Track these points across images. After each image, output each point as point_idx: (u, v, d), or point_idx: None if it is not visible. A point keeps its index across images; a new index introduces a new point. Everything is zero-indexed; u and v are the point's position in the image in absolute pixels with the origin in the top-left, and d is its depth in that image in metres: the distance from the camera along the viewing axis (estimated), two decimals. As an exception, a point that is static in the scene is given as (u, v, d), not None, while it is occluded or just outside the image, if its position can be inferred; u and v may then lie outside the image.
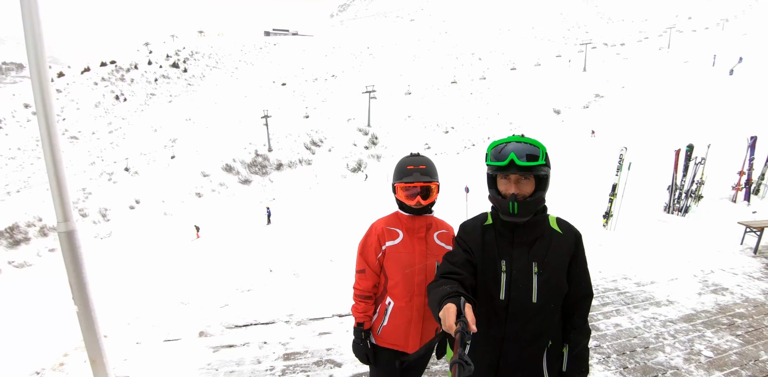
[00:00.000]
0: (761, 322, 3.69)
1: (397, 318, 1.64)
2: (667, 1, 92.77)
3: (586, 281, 1.33)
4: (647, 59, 56.25)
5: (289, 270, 6.18)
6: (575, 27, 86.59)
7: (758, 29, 56.93)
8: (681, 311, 3.85)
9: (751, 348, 3.27)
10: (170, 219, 29.06)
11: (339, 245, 8.74)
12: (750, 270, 4.97)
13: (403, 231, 1.65)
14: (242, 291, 4.80)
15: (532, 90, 54.04)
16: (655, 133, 27.36)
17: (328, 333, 3.15)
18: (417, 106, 53.09)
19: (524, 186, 1.25)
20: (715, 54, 46.46)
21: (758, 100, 29.98)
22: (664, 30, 68.44)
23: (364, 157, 44.90)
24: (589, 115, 43.34)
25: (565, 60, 62.04)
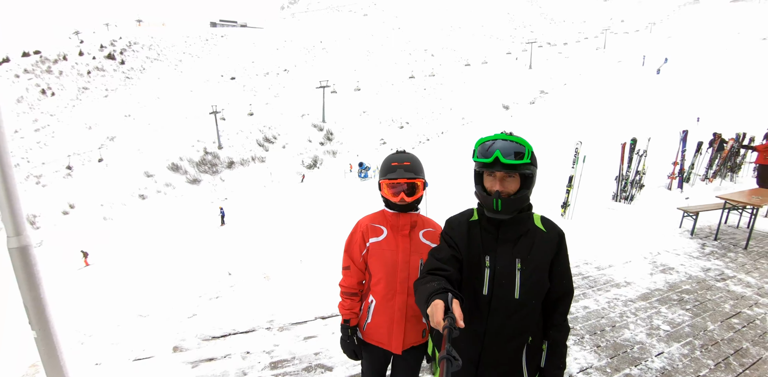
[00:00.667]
0: (704, 296, 4.09)
1: (380, 316, 1.64)
2: (603, 5, 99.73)
3: (567, 279, 1.36)
4: (586, 58, 60.12)
5: (255, 273, 5.94)
6: (521, 26, 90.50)
7: (680, 33, 62.73)
8: (638, 290, 4.17)
9: (700, 319, 3.61)
10: (111, 224, 26.93)
11: (306, 244, 8.53)
12: (689, 251, 5.48)
13: (387, 228, 1.65)
14: (210, 299, 4.54)
15: (482, 86, 55.90)
16: (595, 128, 29.39)
17: (314, 336, 3.05)
18: (372, 101, 53.06)
19: (509, 183, 1.27)
20: (644, 54, 50.64)
21: (682, 97, 33.15)
22: (600, 31, 73.49)
23: (319, 153, 44.24)
24: (536, 111, 45.69)
25: (513, 57, 64.78)
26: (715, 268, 4.85)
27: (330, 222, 12.87)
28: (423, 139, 46.41)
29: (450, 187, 17.43)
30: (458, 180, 20.33)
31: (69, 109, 51.37)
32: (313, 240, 9.23)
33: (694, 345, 3.19)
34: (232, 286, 5.43)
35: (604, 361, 2.89)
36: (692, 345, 3.19)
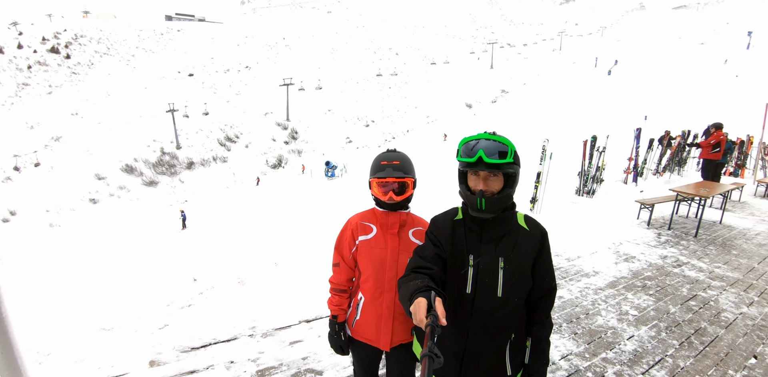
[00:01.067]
0: (664, 282, 4.38)
1: (368, 313, 1.66)
2: (559, 9, 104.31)
3: (549, 277, 1.38)
4: (543, 59, 62.66)
5: (228, 278, 5.72)
6: (483, 27, 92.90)
7: (629, 36, 66.76)
8: (606, 279, 4.39)
9: (662, 303, 3.86)
10: (59, 231, 25.07)
11: (279, 246, 8.33)
12: (647, 240, 5.85)
13: (376, 227, 1.66)
14: (182, 308, 4.31)
15: (445, 85, 56.90)
16: (554, 125, 30.75)
17: (300, 341, 2.96)
18: (337, 99, 52.64)
19: (493, 183, 1.28)
20: (596, 56, 53.47)
21: (631, 96, 35.31)
22: (556, 34, 76.80)
23: (284, 152, 43.37)
24: (498, 109, 47.14)
25: (475, 57, 66.37)
26: (671, 256, 5.20)
27: (300, 223, 12.65)
28: (389, 137, 46.62)
29: (422, 185, 17.65)
30: (428, 178, 20.56)
31: (7, 107, 47.23)
32: (285, 241, 9.04)
33: (660, 327, 3.41)
34: (201, 293, 5.20)
35: (582, 347, 3.03)
36: (658, 327, 3.41)
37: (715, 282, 4.42)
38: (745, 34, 43.31)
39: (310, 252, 6.59)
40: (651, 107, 30.18)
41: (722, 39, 47.73)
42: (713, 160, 8.82)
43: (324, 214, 13.93)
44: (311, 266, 5.23)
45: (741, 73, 33.34)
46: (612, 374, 2.73)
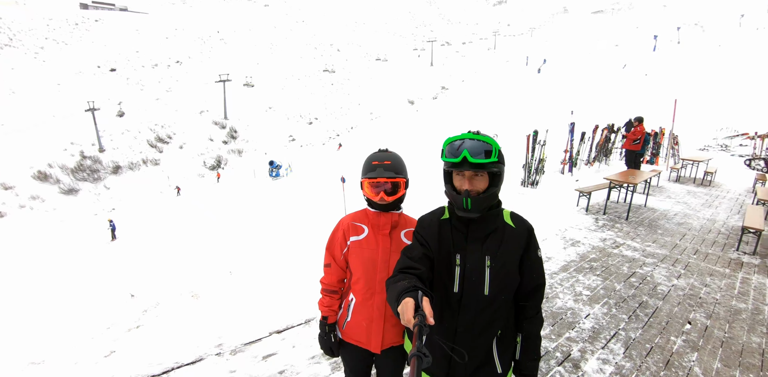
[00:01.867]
0: (607, 262, 4.77)
1: (359, 315, 1.64)
2: (493, 10, 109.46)
3: (537, 273, 1.39)
4: (479, 57, 65.48)
5: (179, 292, 5.28)
6: (422, 25, 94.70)
7: (555, 37, 71.78)
8: (558, 263, 4.69)
9: (609, 282, 4.20)
10: (-42, 250, 21.65)
11: (231, 254, 7.87)
12: (588, 225, 6.33)
13: (368, 227, 1.64)
14: (128, 330, 3.91)
15: (388, 82, 57.39)
16: (492, 120, 32.31)
17: (273, 354, 2.80)
18: (278, 96, 50.96)
19: (478, 182, 1.29)
20: (527, 56, 56.90)
21: (558, 93, 38.08)
22: (491, 33, 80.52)
23: (223, 152, 41.21)
24: (439, 105, 48.55)
25: (416, 55, 67.66)
26: (609, 238, 5.69)
27: (250, 226, 12.07)
28: (333, 135, 46.14)
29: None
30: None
31: None
32: (237, 247, 8.57)
33: (610, 304, 3.71)
34: (146, 311, 4.74)
35: (548, 329, 3.20)
36: (608, 304, 3.71)
37: (649, 259, 4.90)
38: (651, 37, 48.57)
39: (267, 258, 6.31)
40: (576, 103, 32.77)
41: (633, 41, 53.10)
42: (634, 151, 9.80)
43: (274, 216, 13.43)
44: (271, 272, 5.01)
45: (649, 72, 37.27)
46: (577, 351, 2.91)
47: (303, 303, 3.56)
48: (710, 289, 4.13)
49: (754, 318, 3.57)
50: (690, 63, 36.73)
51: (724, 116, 21.51)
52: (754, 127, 18.71)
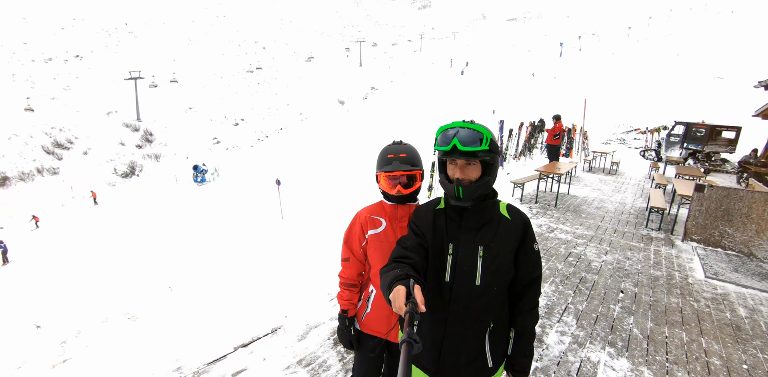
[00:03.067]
0: (547, 245, 5.19)
1: (380, 306, 1.67)
2: (418, 13, 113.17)
3: (533, 266, 1.38)
4: (407, 59, 67.32)
5: (110, 315, 4.68)
6: (350, 26, 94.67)
7: (475, 42, 76.31)
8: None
9: (552, 263, 4.58)
10: None
11: (165, 267, 7.19)
12: (524, 214, 6.85)
13: (386, 220, 1.66)
14: (53, 366, 3.37)
15: (317, 81, 56.59)
16: (420, 119, 33.41)
17: (243, 370, 2.61)
18: (199, 96, 47.64)
19: (470, 171, 1.29)
20: (451, 58, 59.73)
21: (480, 94, 40.59)
22: (417, 36, 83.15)
23: (137, 157, 37.54)
24: (369, 105, 49.03)
25: (345, 55, 67.51)
26: (544, 224, 6.21)
27: (179, 237, 11.13)
28: (261, 136, 44.36)
29: (305, 182, 17.22)
30: (311, 175, 20.21)
31: None
32: (170, 261, 7.85)
33: (556, 282, 4.06)
34: (64, 342, 4.12)
35: (508, 309, 3.40)
36: (555, 282, 4.05)
37: (579, 240, 5.44)
38: (558, 44, 53.93)
39: (209, 269, 5.88)
40: (497, 102, 35.22)
41: (543, 47, 58.48)
42: (554, 145, 10.82)
43: (206, 224, 12.54)
44: (219, 284, 4.69)
45: (558, 76, 41.31)
46: (538, 327, 3.14)
47: (266, 312, 3.40)
48: (632, 262, 4.71)
49: (669, 283, 4.14)
50: (590, 68, 41.40)
51: (621, 114, 24.58)
52: (644, 123, 21.68)
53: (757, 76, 20.56)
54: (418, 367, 1.42)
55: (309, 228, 8.43)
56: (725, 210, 5.27)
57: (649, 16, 63.33)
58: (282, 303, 3.59)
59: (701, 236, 5.47)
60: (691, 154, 13.45)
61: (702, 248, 5.33)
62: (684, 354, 2.90)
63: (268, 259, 5.78)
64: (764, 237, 5.06)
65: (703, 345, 3.03)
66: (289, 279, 4.40)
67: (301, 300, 3.62)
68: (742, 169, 10.68)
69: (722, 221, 5.32)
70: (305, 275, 4.44)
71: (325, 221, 8.64)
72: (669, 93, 27.79)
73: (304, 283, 4.10)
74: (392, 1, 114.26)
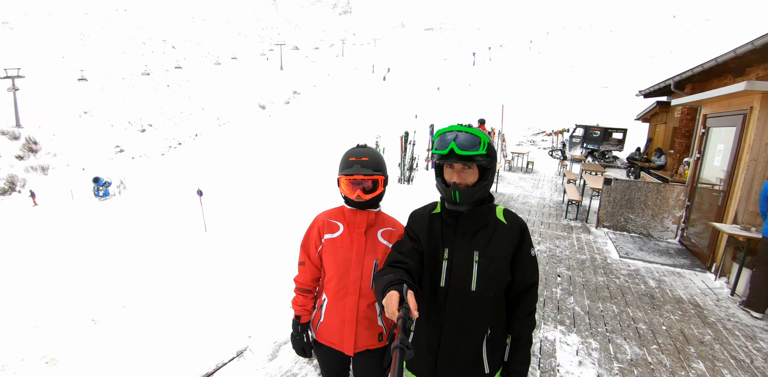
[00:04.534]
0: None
1: (331, 316, 1.60)
2: (339, 18, 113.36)
3: (530, 271, 1.36)
4: (329, 63, 67.06)
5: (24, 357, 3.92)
6: (269, 28, 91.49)
7: (396, 49, 78.70)
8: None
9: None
10: None
11: (80, 297, 6.25)
12: (462, 211, 7.28)
13: (343, 225, 1.60)
14: None
15: (235, 85, 53.82)
16: (344, 125, 33.58)
17: None
18: (96, 98, 42.40)
19: (467, 175, 1.28)
20: (373, 64, 60.90)
21: (403, 99, 42.01)
22: (339, 41, 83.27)
23: (18, 170, 32.21)
24: (292, 110, 47.94)
25: (264, 58, 65.14)
26: (481, 220, 6.67)
27: (82, 260, 9.77)
28: (174, 143, 40.85)
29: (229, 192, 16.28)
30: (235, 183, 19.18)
31: None
32: (78, 289, 6.84)
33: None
34: None
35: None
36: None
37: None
38: (471, 54, 58.05)
39: (134, 294, 5.27)
40: (419, 108, 36.77)
41: (458, 57, 62.46)
42: None
43: (112, 243, 11.18)
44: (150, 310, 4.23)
45: (472, 83, 44.42)
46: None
47: (224, 335, 3.16)
48: (561, 249, 5.27)
49: (594, 264, 4.73)
50: (500, 76, 45.23)
51: (529, 118, 27.21)
52: (549, 126, 24.27)
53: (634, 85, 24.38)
54: (414, 373, 1.41)
55: (239, 240, 7.98)
56: (628, 199, 6.16)
57: (546, 32, 71.24)
58: (239, 323, 3.37)
59: (611, 222, 6.32)
60: (590, 153, 15.42)
61: (612, 233, 6.16)
62: (618, 324, 3.34)
63: (201, 277, 5.35)
64: (658, 220, 6.02)
65: (630, 314, 3.52)
66: (237, 296, 4.13)
67: (261, 318, 3.43)
68: (630, 164, 12.52)
69: (626, 209, 6.20)
70: (255, 290, 4.22)
71: (257, 231, 8.26)
72: (566, 99, 31.51)
73: (258, 299, 3.89)
74: (312, 5, 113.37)
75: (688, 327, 3.33)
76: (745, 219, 4.19)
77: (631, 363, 2.79)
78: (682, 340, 3.12)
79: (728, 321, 3.49)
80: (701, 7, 54.05)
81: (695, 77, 7.93)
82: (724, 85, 7.55)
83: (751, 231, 3.92)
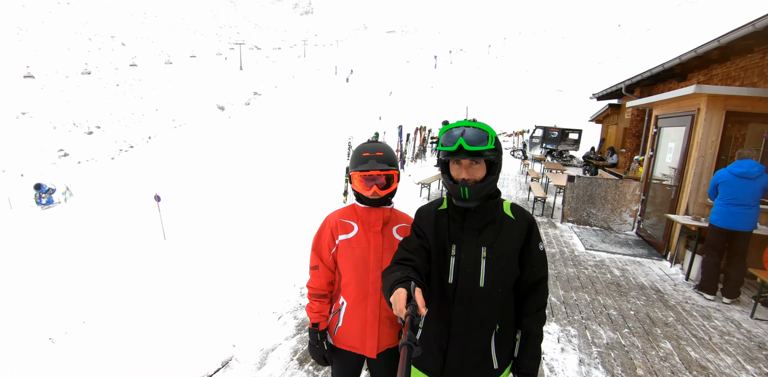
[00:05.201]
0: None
1: (352, 319, 1.56)
2: (300, 18, 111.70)
3: (539, 266, 1.35)
4: (291, 64, 65.95)
5: None
6: (227, 26, 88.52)
7: (358, 51, 78.68)
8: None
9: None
10: None
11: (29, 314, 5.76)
12: (434, 210, 7.40)
13: (358, 224, 1.55)
14: None
15: (191, 85, 51.70)
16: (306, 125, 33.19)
17: None
18: (36, 98, 39.28)
19: (475, 170, 1.27)
20: (336, 65, 60.56)
21: (365, 100, 42.11)
22: (301, 41, 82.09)
23: (-56, 177, 29.21)
24: (252, 111, 46.73)
25: (223, 57, 63.01)
26: (454, 218, 6.82)
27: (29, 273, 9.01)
28: (125, 147, 38.57)
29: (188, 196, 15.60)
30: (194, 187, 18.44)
31: None
32: (27, 305, 6.31)
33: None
34: None
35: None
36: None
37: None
38: (432, 57, 59.21)
39: (94, 307, 4.94)
40: (383, 109, 37.01)
41: (420, 59, 63.51)
42: None
43: (60, 254, 10.39)
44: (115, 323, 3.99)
45: (434, 85, 45.31)
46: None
47: (205, 346, 3.03)
48: (532, 244, 5.51)
49: (563, 257, 4.98)
50: (461, 79, 46.43)
51: (489, 119, 28.18)
52: (509, 127, 25.23)
53: (586, 88, 25.90)
54: (421, 370, 1.40)
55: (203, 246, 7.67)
56: (590, 195, 6.53)
57: (503, 37, 74.04)
58: (220, 333, 3.24)
59: (574, 217, 6.67)
60: (549, 152, 16.20)
61: (576, 227, 6.51)
62: (592, 311, 3.54)
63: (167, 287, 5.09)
64: (617, 214, 6.43)
65: (601, 301, 3.75)
66: (211, 304, 3.96)
67: (244, 325, 3.32)
68: (586, 163, 13.27)
69: (588, 204, 6.57)
70: (231, 297, 4.07)
71: (223, 236, 7.98)
72: (524, 102, 32.89)
73: (237, 306, 3.76)
74: (273, 5, 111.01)
75: (653, 311, 3.59)
76: (695, 210, 4.57)
77: (607, 346, 2.97)
78: (649, 323, 3.36)
79: (686, 304, 3.79)
80: (643, 17, 58.39)
81: (644, 81, 8.57)
82: (669, 89, 8.24)
83: (701, 221, 4.30)
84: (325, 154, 13.97)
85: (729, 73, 6.02)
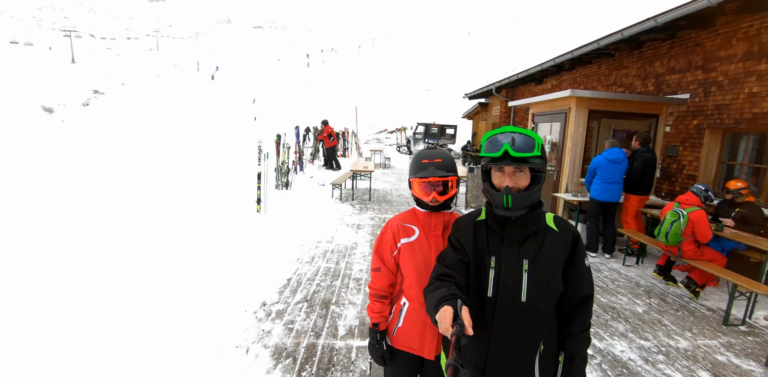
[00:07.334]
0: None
1: (412, 320, 1.60)
2: (149, 5, 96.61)
3: (584, 283, 1.29)
4: (140, 58, 57.24)
5: None
6: (50, 8, 71.67)
7: (223, 46, 72.41)
8: (365, 248, 5.48)
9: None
10: None
11: None
12: (350, 211, 7.52)
13: (419, 229, 1.61)
14: None
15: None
16: (168, 128, 29.62)
17: None
18: None
19: (519, 179, 1.23)
20: (198, 61, 54.87)
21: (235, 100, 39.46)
22: (152, 32, 71.56)
23: None
24: (94, 113, 39.42)
25: (46, 47, 51.12)
26: (374, 216, 7.08)
27: None
28: None
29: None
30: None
31: None
32: None
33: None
34: None
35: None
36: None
37: (408, 223, 6.55)
38: (305, 55, 58.37)
39: None
40: (257, 110, 35.21)
41: (291, 57, 61.85)
42: (333, 147, 12.25)
43: None
44: None
45: (309, 84, 44.91)
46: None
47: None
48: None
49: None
50: (334, 78, 46.99)
51: (368, 118, 29.26)
52: (388, 124, 26.71)
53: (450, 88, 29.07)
54: None
55: None
56: (486, 183, 7.52)
57: (372, 39, 77.23)
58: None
59: (476, 204, 7.59)
60: (431, 147, 17.83)
61: (479, 212, 7.43)
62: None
63: None
64: (508, 198, 7.55)
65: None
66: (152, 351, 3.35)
67: (209, 369, 2.90)
68: (464, 154, 15.01)
69: (485, 191, 7.56)
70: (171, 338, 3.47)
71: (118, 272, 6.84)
72: (397, 100, 35.10)
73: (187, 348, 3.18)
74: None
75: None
76: (572, 188, 5.72)
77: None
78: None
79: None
80: (487, 27, 67.75)
81: (510, 84, 10.14)
82: (528, 90, 9.94)
83: (578, 196, 5.42)
84: (210, 160, 12.66)
85: (575, 78, 7.60)
